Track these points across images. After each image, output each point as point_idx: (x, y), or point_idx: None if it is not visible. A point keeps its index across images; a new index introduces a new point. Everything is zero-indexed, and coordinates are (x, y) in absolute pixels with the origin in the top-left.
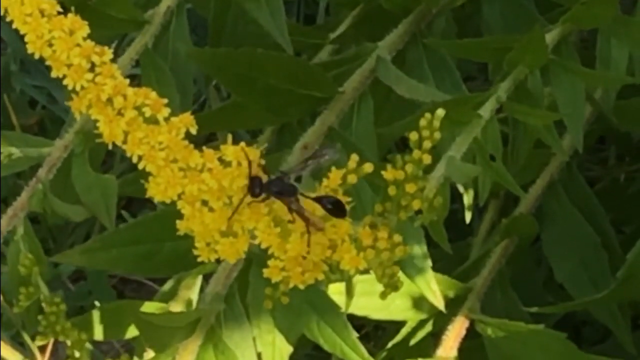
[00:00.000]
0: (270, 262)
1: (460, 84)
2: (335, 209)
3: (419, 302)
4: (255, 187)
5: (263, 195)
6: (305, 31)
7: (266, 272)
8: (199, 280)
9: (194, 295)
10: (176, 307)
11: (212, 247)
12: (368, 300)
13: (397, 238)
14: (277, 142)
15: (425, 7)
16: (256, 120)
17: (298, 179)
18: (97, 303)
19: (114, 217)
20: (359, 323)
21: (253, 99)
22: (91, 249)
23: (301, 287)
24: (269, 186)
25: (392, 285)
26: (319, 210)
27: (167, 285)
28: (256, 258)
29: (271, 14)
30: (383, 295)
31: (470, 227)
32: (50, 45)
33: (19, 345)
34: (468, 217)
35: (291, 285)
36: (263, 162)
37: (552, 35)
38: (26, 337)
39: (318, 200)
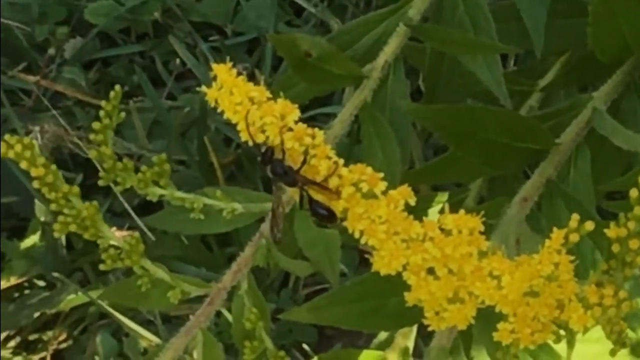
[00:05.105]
0: (499, 325)
1: None
2: (327, 216)
3: (638, 348)
4: (265, 155)
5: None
6: (513, 78)
7: (496, 336)
8: (414, 327)
9: (410, 343)
10: (393, 355)
11: (441, 315)
12: (586, 347)
13: (623, 294)
14: (489, 190)
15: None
16: (472, 173)
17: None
18: (305, 346)
19: (338, 272)
20: None
21: (472, 153)
22: (318, 307)
23: (531, 347)
24: (274, 164)
25: (620, 342)
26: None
27: (383, 335)
28: (479, 311)
29: (488, 67)
30: (613, 352)
31: None
32: (263, 131)
33: None
34: None
35: (522, 346)
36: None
37: None
38: None
39: (310, 203)
